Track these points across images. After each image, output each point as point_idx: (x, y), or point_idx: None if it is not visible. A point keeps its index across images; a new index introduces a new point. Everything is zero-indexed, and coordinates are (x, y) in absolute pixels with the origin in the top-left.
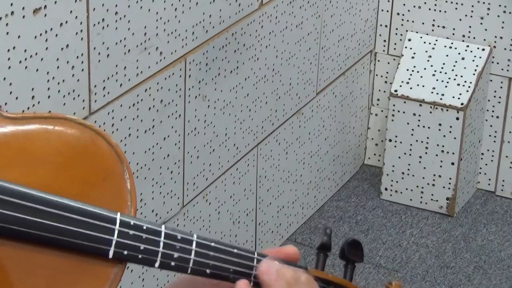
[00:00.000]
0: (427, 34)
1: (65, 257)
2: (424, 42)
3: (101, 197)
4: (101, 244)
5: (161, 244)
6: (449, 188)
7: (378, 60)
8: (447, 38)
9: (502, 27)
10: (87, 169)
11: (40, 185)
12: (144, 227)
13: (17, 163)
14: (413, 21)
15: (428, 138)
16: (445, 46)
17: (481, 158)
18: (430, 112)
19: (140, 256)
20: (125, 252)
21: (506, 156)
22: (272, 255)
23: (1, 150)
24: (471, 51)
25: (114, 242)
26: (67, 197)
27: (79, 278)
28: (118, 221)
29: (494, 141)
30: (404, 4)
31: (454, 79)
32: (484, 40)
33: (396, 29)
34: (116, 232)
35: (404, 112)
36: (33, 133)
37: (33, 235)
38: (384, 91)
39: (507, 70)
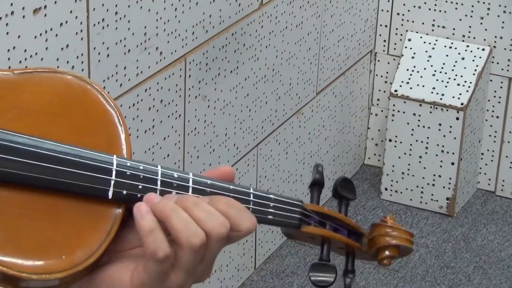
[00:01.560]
0: (427, 34)
1: (66, 201)
2: (424, 42)
3: (96, 143)
4: (100, 185)
5: (159, 182)
6: (449, 188)
7: (378, 60)
8: (447, 38)
9: (502, 27)
10: (80, 117)
11: (35, 134)
12: (141, 167)
13: (11, 114)
14: (413, 21)
15: (428, 138)
16: (445, 46)
17: (481, 158)
18: (430, 112)
19: (139, 195)
20: (124, 192)
21: (506, 156)
22: (208, 175)
23: None
24: (471, 51)
25: (112, 182)
26: (62, 143)
27: (81, 220)
28: (115, 162)
29: (494, 141)
30: (404, 4)
31: (454, 79)
32: (484, 40)
33: (396, 29)
34: (113, 172)
35: (404, 112)
36: (25, 85)
37: (33, 179)
38: (384, 91)
39: (507, 70)
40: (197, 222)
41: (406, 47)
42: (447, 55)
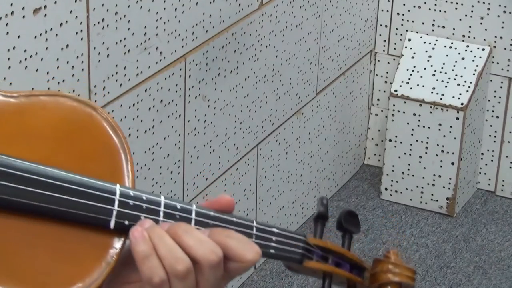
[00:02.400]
0: (427, 34)
1: (67, 229)
2: (424, 42)
3: (99, 170)
4: (102, 214)
5: (161, 213)
6: (449, 188)
7: (378, 60)
8: (447, 38)
9: (502, 27)
10: (85, 143)
11: (38, 160)
12: (144, 197)
13: (16, 139)
14: (413, 21)
15: (428, 138)
16: (445, 46)
17: (481, 158)
18: (430, 112)
19: None
20: (126, 222)
21: (506, 156)
22: (207, 206)
23: None
24: (471, 51)
25: (115, 212)
26: (66, 170)
27: (81, 249)
28: (118, 192)
29: (494, 141)
30: (404, 4)
31: (454, 79)
32: (484, 40)
33: (396, 29)
34: (116, 202)
35: (404, 112)
36: (31, 109)
37: (33, 207)
38: (384, 91)
39: (507, 70)
40: (185, 249)
41: (406, 47)
42: (447, 55)
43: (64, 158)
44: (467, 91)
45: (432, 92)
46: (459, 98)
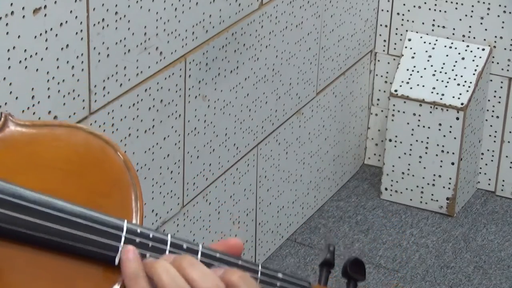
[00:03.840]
0: (427, 34)
1: (71, 263)
2: (424, 42)
3: (108, 205)
4: (108, 250)
5: (167, 252)
6: (449, 188)
7: (378, 60)
8: (447, 38)
9: (502, 27)
10: (95, 177)
11: (48, 191)
12: (151, 235)
13: (26, 168)
14: (413, 21)
15: (428, 138)
16: (445, 46)
17: (481, 158)
18: (430, 112)
19: None
20: None
21: (506, 156)
22: (215, 248)
23: (10, 155)
24: (471, 51)
25: (120, 249)
26: (74, 203)
27: (84, 283)
28: (125, 228)
29: (494, 141)
30: (404, 4)
31: (454, 79)
32: (484, 40)
33: (396, 29)
34: (123, 239)
35: (404, 112)
36: (43, 139)
37: (40, 239)
38: (384, 91)
39: (507, 70)
40: (189, 281)
41: (406, 47)
42: (447, 55)
43: (74, 191)
44: (467, 91)
45: (432, 92)
46: (459, 98)
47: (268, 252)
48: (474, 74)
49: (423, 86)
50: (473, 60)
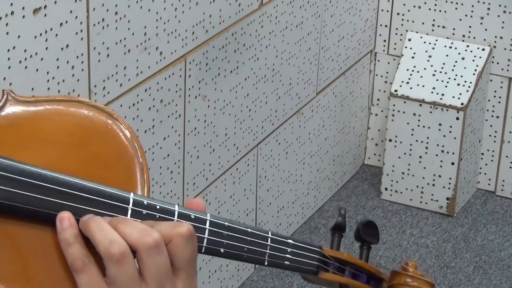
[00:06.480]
0: (427, 34)
1: None
2: (424, 42)
3: (114, 177)
4: None
5: None
6: (449, 188)
7: (378, 60)
8: (447, 38)
9: (502, 27)
10: (99, 150)
11: (52, 165)
12: (158, 206)
13: (30, 144)
14: (413, 21)
15: (428, 138)
16: (445, 46)
17: (481, 158)
18: (430, 112)
19: None
20: None
21: (506, 156)
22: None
23: (13, 132)
24: (471, 51)
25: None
26: (80, 178)
27: (93, 256)
28: (131, 201)
29: (494, 141)
30: (404, 4)
31: (454, 79)
32: (484, 40)
33: (396, 29)
34: (129, 211)
35: (404, 112)
36: (46, 114)
37: (47, 215)
38: (384, 91)
39: (507, 70)
40: (122, 235)
41: (406, 47)
42: (447, 55)
43: (78, 164)
44: (467, 91)
45: (432, 92)
46: (459, 98)
47: None
48: (474, 74)
49: (423, 86)
50: (473, 60)
